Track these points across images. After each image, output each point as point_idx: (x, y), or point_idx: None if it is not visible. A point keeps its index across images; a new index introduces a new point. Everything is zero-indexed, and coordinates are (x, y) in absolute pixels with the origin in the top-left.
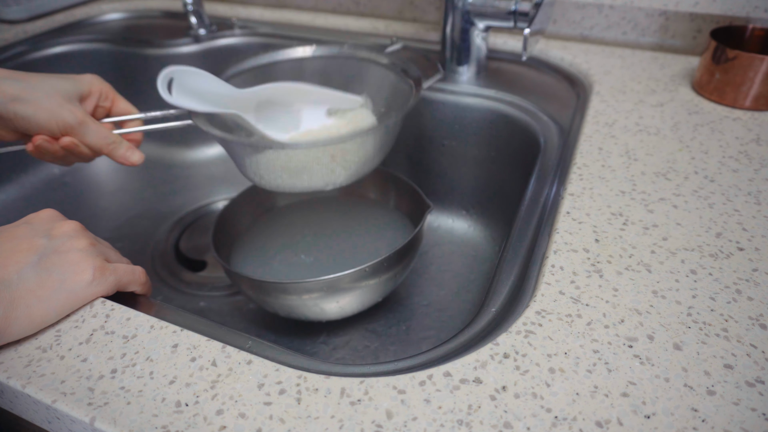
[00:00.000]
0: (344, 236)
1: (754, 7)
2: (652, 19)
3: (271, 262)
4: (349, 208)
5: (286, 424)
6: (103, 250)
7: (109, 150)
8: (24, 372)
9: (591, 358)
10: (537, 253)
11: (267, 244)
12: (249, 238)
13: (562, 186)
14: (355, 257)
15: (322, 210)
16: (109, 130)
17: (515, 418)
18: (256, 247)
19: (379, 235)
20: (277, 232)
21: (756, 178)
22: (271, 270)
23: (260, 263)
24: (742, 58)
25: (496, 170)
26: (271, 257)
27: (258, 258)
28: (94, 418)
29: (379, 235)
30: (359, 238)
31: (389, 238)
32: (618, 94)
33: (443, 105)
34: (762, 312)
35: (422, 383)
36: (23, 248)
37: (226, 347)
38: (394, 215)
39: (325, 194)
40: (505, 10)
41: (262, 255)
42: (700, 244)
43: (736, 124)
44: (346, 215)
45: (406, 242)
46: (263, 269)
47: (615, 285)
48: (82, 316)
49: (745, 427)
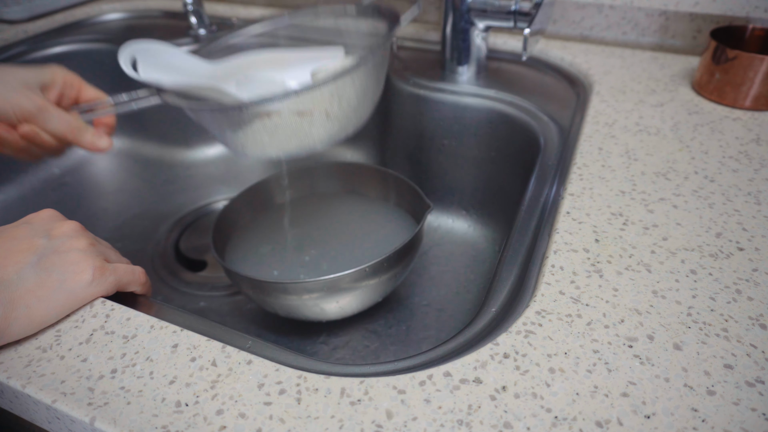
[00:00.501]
0: (344, 235)
1: (754, 7)
2: (652, 19)
3: (271, 261)
4: (349, 207)
5: (286, 424)
6: (103, 250)
7: (74, 136)
8: (24, 372)
9: (591, 358)
10: (537, 253)
11: (266, 243)
12: (248, 238)
13: (562, 186)
14: (355, 257)
15: (322, 209)
16: (73, 116)
17: (515, 418)
18: (256, 246)
19: (379, 234)
20: (277, 231)
21: (756, 178)
22: (270, 269)
23: (260, 263)
24: (742, 58)
25: (496, 170)
26: (270, 256)
27: (257, 257)
28: (94, 418)
29: (379, 235)
30: (359, 238)
31: (389, 237)
32: (618, 94)
33: (443, 105)
34: (762, 312)
35: (422, 383)
36: (23, 248)
37: (226, 347)
38: (394, 214)
39: (325, 193)
40: (505, 10)
41: (262, 254)
42: (700, 244)
43: (736, 124)
44: (346, 214)
45: (407, 242)
46: (263, 269)
47: (615, 285)
48: (82, 316)
49: (745, 427)
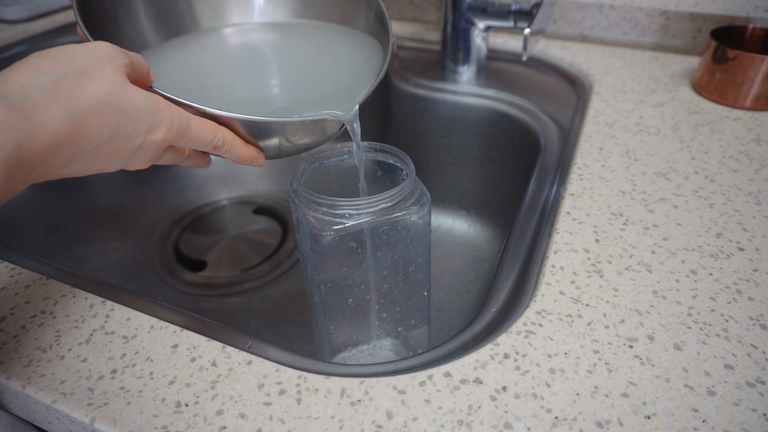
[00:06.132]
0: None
1: (755, 7)
2: (653, 19)
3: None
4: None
5: (286, 424)
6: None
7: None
8: (24, 372)
9: (591, 359)
10: (537, 253)
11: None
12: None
13: (563, 186)
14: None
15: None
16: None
17: (515, 418)
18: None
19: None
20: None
21: (756, 178)
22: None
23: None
24: (743, 58)
25: (496, 170)
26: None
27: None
28: (94, 419)
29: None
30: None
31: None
32: (618, 94)
33: (443, 105)
34: (762, 312)
35: (422, 383)
36: None
37: (226, 347)
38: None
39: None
40: (506, 10)
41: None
42: (700, 244)
43: (737, 124)
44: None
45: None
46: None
47: (615, 285)
48: (82, 317)
49: (745, 427)
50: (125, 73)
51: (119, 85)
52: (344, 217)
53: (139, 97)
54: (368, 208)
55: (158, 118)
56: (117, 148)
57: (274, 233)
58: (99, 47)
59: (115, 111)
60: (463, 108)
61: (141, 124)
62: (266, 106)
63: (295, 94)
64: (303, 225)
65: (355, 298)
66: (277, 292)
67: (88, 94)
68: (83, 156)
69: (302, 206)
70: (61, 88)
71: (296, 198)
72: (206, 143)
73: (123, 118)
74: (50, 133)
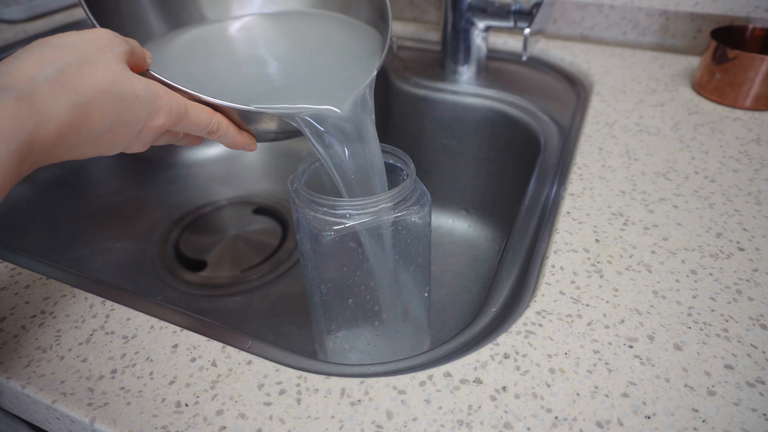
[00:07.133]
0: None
1: (754, 7)
2: (653, 19)
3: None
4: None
5: (287, 424)
6: None
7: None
8: (24, 372)
9: (591, 359)
10: (537, 253)
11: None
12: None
13: (563, 186)
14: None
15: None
16: None
17: (515, 418)
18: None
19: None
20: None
21: (756, 178)
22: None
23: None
24: (743, 58)
25: (496, 170)
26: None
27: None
28: (94, 419)
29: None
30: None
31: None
32: (618, 94)
33: (443, 105)
34: (762, 312)
35: (422, 383)
36: None
37: (226, 347)
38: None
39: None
40: (506, 10)
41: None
42: (700, 245)
43: (737, 124)
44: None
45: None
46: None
47: (615, 285)
48: (82, 317)
49: (745, 427)
50: (125, 61)
51: (120, 74)
52: (344, 217)
53: (139, 86)
54: (368, 208)
55: (157, 105)
56: (118, 134)
57: (274, 233)
58: (100, 35)
59: (117, 100)
60: (463, 108)
61: (141, 111)
62: (262, 93)
63: (293, 82)
64: (303, 225)
65: (355, 299)
66: (277, 292)
67: (91, 84)
68: (86, 142)
69: (302, 206)
70: (65, 78)
71: (296, 198)
72: (202, 128)
73: (124, 106)
74: (57, 123)
